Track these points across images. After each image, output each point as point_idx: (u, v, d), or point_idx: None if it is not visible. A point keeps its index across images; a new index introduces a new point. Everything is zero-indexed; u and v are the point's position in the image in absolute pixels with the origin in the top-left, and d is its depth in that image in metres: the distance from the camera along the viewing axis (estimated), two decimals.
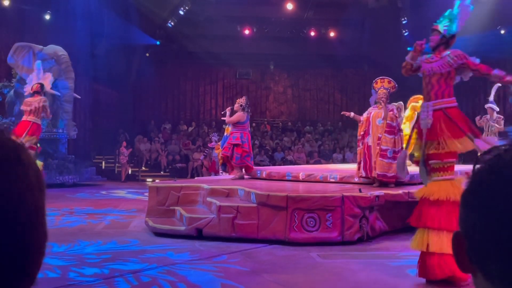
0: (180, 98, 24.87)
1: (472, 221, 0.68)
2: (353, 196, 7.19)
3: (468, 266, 0.69)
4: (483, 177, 0.69)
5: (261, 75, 25.24)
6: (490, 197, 0.66)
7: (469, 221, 0.68)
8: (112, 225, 8.62)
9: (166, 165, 20.39)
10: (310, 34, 23.09)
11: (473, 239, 0.67)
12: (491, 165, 0.69)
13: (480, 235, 0.66)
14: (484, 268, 0.66)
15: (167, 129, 22.94)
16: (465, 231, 0.69)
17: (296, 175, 9.61)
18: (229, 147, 9.45)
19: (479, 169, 0.70)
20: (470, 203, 0.69)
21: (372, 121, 8.38)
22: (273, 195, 7.23)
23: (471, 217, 0.68)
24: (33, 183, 0.64)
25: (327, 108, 25.79)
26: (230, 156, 9.42)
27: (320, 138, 23.05)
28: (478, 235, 0.66)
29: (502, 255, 0.63)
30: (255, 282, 5.29)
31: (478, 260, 0.67)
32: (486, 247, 0.65)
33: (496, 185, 0.66)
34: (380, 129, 8.27)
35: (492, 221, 0.65)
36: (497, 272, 0.64)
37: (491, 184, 0.67)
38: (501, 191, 0.65)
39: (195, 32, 21.78)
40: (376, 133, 8.31)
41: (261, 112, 25.17)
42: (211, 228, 7.35)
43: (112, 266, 5.78)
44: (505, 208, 0.64)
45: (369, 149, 8.31)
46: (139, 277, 5.36)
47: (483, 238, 0.66)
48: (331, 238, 7.01)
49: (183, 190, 8.65)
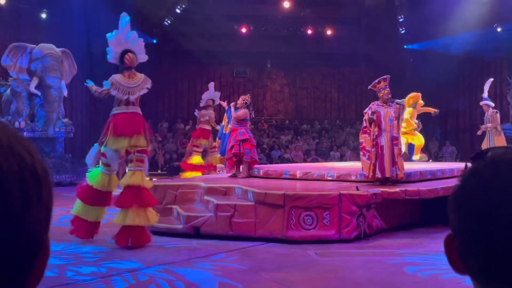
0: (177, 96, 24.85)
1: (459, 223, 0.69)
2: (350, 194, 7.20)
3: (461, 267, 0.70)
4: (466, 179, 0.72)
5: (258, 74, 25.23)
6: (471, 197, 0.69)
7: (457, 223, 0.70)
8: (109, 224, 8.60)
9: (163, 163, 20.37)
10: (307, 32, 23.09)
11: (461, 240, 0.69)
12: (474, 167, 0.72)
13: (465, 235, 0.68)
14: (469, 267, 0.68)
15: (164, 128, 22.93)
16: (454, 233, 0.71)
17: (293, 173, 9.60)
18: (238, 144, 9.44)
19: (465, 172, 0.74)
20: (457, 205, 0.71)
21: (384, 120, 8.30)
22: (271, 193, 7.23)
23: (458, 218, 0.70)
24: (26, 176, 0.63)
25: (324, 106, 25.79)
26: (241, 153, 9.42)
27: (317, 136, 23.06)
28: (464, 235, 0.68)
29: (482, 253, 0.65)
30: (253, 280, 5.29)
31: (467, 262, 0.69)
32: (469, 247, 0.67)
33: (476, 186, 0.69)
34: (396, 129, 8.22)
35: (473, 221, 0.67)
36: (479, 270, 0.66)
37: (472, 185, 0.70)
38: (480, 191, 0.68)
39: (192, 30, 21.75)
40: (388, 133, 8.17)
41: (258, 111, 25.12)
42: (209, 226, 7.34)
43: (109, 265, 5.77)
44: (484, 208, 0.66)
45: (382, 149, 8.14)
46: (136, 275, 5.35)
47: (468, 238, 0.68)
48: (329, 236, 7.01)
49: (180, 189, 8.64)
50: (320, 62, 23.95)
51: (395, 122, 8.23)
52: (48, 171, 0.66)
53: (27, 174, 0.62)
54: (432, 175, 9.34)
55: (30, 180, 0.62)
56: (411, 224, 8.29)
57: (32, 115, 15.58)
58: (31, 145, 0.65)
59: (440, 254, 6.28)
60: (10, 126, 0.68)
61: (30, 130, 14.85)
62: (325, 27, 23.03)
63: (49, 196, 0.65)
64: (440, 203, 7.66)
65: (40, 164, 0.65)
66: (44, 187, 0.64)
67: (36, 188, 0.62)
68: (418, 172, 9.07)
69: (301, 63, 24.29)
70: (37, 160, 0.64)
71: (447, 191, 7.87)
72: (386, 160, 8.07)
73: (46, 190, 0.64)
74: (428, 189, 7.89)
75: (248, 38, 22.87)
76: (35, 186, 0.62)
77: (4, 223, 0.58)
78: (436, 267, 5.62)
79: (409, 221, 8.38)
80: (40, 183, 0.63)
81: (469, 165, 0.75)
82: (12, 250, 0.59)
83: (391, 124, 8.22)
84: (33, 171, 0.63)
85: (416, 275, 5.43)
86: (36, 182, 0.63)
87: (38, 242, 0.63)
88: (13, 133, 0.64)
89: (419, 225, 8.28)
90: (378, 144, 8.17)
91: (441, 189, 7.96)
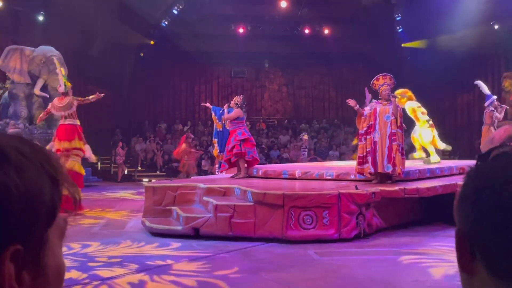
0: (175, 97, 24.84)
1: (476, 218, 0.68)
2: (349, 193, 7.20)
3: (470, 264, 0.69)
4: (487, 175, 0.69)
5: (256, 74, 25.24)
6: (495, 192, 0.66)
7: (472, 218, 0.68)
8: (108, 226, 8.60)
9: (162, 164, 20.37)
10: (305, 32, 23.10)
11: (479, 236, 0.68)
12: (495, 163, 0.70)
13: (486, 232, 0.66)
14: (490, 264, 0.66)
15: (163, 129, 22.92)
16: (469, 229, 0.69)
17: (292, 173, 9.61)
18: (239, 144, 9.44)
19: (480, 167, 0.71)
20: (473, 199, 0.69)
21: (379, 116, 8.31)
22: (270, 193, 7.23)
23: (475, 214, 0.68)
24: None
25: (322, 105, 25.82)
26: (242, 152, 9.43)
27: (316, 135, 23.07)
28: (484, 231, 0.67)
29: (506, 249, 0.64)
30: (253, 280, 5.29)
31: (483, 257, 0.67)
32: (492, 244, 0.66)
33: (499, 181, 0.67)
34: (393, 125, 8.23)
35: (498, 218, 0.65)
36: (504, 267, 0.65)
37: (494, 180, 0.67)
38: (504, 186, 0.66)
39: (189, 31, 21.74)
40: (384, 129, 8.23)
41: (256, 111, 25.16)
42: (208, 227, 7.34)
43: (108, 267, 5.76)
44: (508, 203, 0.65)
45: (376, 145, 8.24)
46: (135, 277, 5.34)
47: (490, 235, 0.66)
48: (328, 236, 7.01)
49: (179, 190, 8.63)
50: (317, 61, 23.98)
51: (392, 119, 8.24)
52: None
53: None
54: (431, 173, 9.35)
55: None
56: (411, 222, 8.29)
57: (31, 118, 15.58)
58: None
59: (439, 252, 6.28)
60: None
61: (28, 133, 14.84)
62: (323, 27, 23.05)
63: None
64: (439, 202, 7.67)
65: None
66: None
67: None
68: (417, 171, 9.07)
69: (298, 62, 24.30)
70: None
71: (446, 189, 7.88)
72: (379, 155, 8.14)
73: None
74: (427, 187, 7.89)
75: (245, 38, 22.87)
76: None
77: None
78: (436, 265, 5.62)
79: (408, 219, 8.38)
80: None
81: (484, 158, 0.73)
82: None
83: (387, 121, 8.25)
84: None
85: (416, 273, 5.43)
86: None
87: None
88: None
89: (419, 223, 8.28)
90: (372, 140, 8.27)
91: (440, 187, 7.95)
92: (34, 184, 0.63)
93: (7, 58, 14.88)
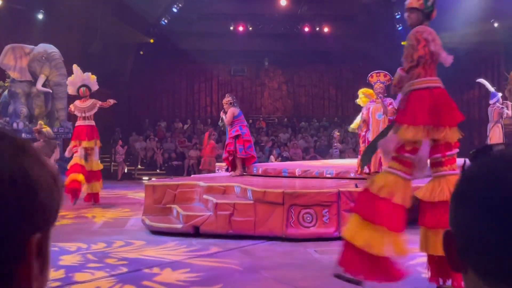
0: (175, 96, 24.85)
1: (464, 219, 0.68)
2: (349, 192, 7.20)
3: (459, 265, 0.69)
4: (474, 175, 0.69)
5: (255, 72, 25.24)
6: (482, 194, 0.66)
7: (460, 219, 0.68)
8: (108, 224, 8.61)
9: (162, 163, 20.38)
10: (304, 30, 23.10)
11: (465, 237, 0.67)
12: (483, 163, 0.69)
13: (472, 233, 0.66)
14: (476, 265, 0.66)
15: (162, 127, 22.93)
16: (456, 229, 0.69)
17: (292, 171, 9.61)
18: (232, 142, 9.46)
19: (470, 167, 0.71)
20: (462, 200, 0.69)
21: (372, 115, 8.30)
22: (270, 191, 7.23)
23: (463, 214, 0.68)
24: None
25: (322, 103, 25.83)
26: (235, 150, 9.44)
27: (316, 133, 23.07)
28: (470, 232, 0.66)
29: (493, 251, 0.64)
30: (253, 278, 5.30)
31: (469, 258, 0.67)
32: (477, 244, 0.65)
33: (487, 182, 0.66)
34: (383, 124, 8.14)
35: (484, 219, 0.65)
36: (488, 269, 0.65)
37: (482, 181, 0.67)
38: (492, 188, 0.65)
39: (189, 29, 21.75)
40: (376, 128, 8.16)
41: (256, 109, 25.18)
42: (208, 225, 7.35)
43: (109, 266, 5.77)
44: (496, 205, 0.64)
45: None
46: (136, 276, 5.35)
47: (475, 236, 0.65)
48: (328, 234, 7.02)
49: (179, 188, 8.65)
50: (317, 59, 23.99)
51: (384, 117, 8.20)
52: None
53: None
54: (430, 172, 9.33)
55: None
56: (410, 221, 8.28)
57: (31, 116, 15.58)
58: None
59: None
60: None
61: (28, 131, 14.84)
62: (322, 25, 23.05)
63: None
64: None
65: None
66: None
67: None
68: None
69: (298, 60, 24.31)
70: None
71: None
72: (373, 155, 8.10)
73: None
74: None
75: (245, 36, 22.87)
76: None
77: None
78: None
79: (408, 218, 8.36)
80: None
81: (473, 157, 0.72)
82: None
83: (379, 119, 8.21)
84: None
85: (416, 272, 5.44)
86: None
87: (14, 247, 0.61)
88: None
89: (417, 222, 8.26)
90: (366, 140, 8.26)
91: None
92: (50, 177, 0.66)
93: (6, 56, 14.88)
